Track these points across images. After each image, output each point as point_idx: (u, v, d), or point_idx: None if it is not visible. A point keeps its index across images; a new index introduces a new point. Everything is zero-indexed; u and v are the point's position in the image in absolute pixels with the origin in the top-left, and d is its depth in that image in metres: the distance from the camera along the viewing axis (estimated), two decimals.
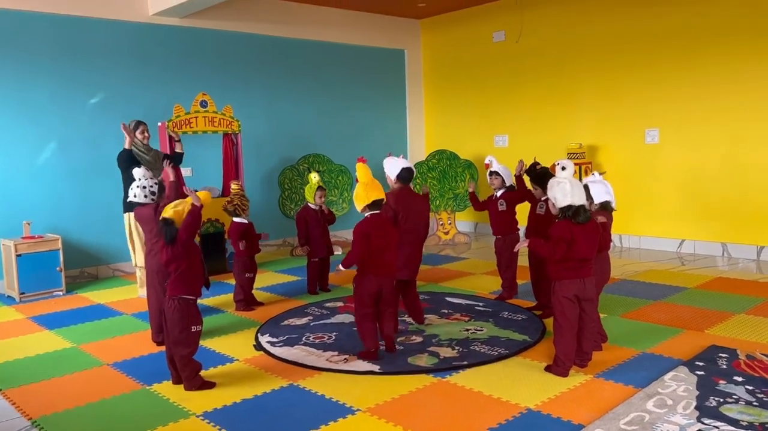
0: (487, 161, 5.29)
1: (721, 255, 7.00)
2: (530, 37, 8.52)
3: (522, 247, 3.74)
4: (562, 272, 3.57)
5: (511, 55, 8.78)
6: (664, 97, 7.31)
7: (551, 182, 3.56)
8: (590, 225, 3.51)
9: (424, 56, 9.98)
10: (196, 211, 3.64)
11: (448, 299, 5.46)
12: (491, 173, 5.25)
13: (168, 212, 3.60)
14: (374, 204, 3.97)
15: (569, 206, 3.46)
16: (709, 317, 4.69)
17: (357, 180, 4.08)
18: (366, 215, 4.01)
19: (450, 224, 8.53)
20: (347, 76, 9.10)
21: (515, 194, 5.22)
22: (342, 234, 8.64)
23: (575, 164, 7.35)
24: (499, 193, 5.26)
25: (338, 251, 7.71)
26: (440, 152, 8.62)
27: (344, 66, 9.06)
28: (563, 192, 3.47)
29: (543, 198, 4.76)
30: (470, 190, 5.50)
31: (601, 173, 3.99)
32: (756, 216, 6.73)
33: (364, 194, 3.95)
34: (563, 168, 3.51)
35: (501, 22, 8.82)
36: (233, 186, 5.50)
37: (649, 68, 7.40)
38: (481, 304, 5.25)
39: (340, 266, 3.95)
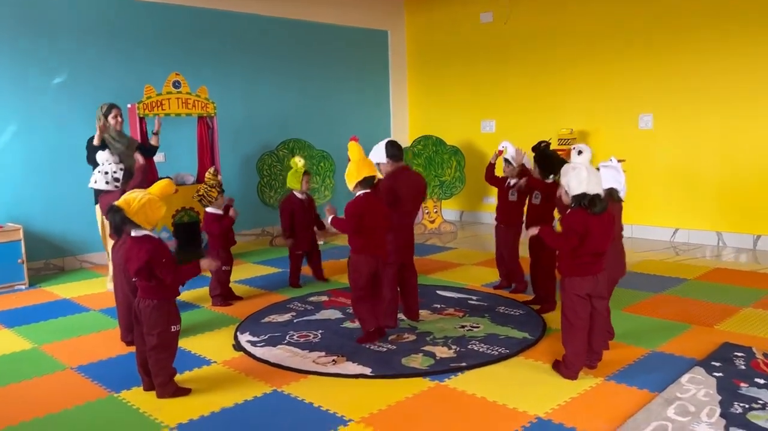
0: (501, 147, 4.93)
1: (716, 245, 6.80)
2: (519, 19, 8.20)
3: (533, 234, 3.42)
4: (574, 268, 3.28)
5: (499, 37, 8.46)
6: (658, 82, 7.06)
7: (566, 168, 3.26)
8: (606, 217, 3.22)
9: (408, 38, 9.61)
10: (196, 270, 3.30)
11: (439, 292, 5.16)
12: (505, 161, 4.91)
13: (120, 199, 3.19)
14: (365, 181, 3.81)
15: (584, 195, 3.16)
16: (715, 312, 4.45)
17: (349, 160, 3.85)
18: (358, 193, 3.83)
19: (436, 212, 8.22)
20: (328, 58, 8.71)
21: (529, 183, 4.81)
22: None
23: (566, 150, 7.10)
24: (513, 181, 4.92)
25: (321, 242, 7.36)
26: (426, 137, 8.29)
27: (325, 47, 8.66)
28: (578, 179, 3.16)
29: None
30: (493, 161, 5.05)
31: (619, 161, 3.68)
32: (752, 204, 6.53)
33: (356, 171, 3.79)
34: (579, 152, 3.22)
35: (489, 2, 8.48)
36: (206, 174, 5.13)
37: (643, 51, 7.14)
38: (474, 297, 4.96)
39: (328, 219, 3.91)
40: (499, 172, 5.08)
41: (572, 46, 7.73)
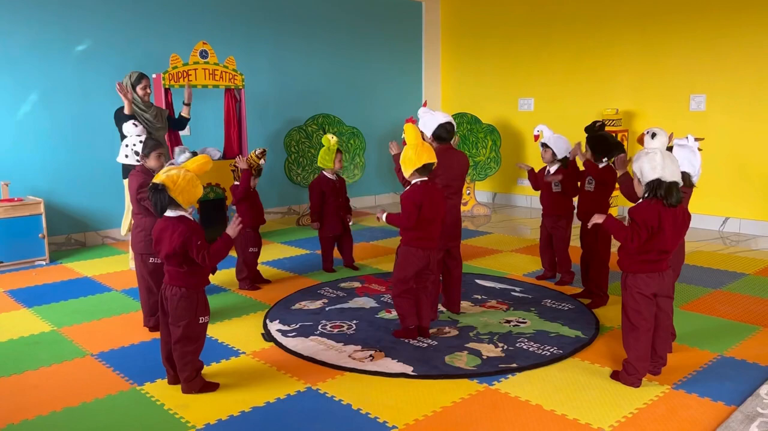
0: (536, 132, 4.59)
1: None
2: None
3: (596, 222, 3.07)
4: (638, 264, 2.95)
5: (540, 9, 8.01)
6: (712, 60, 6.61)
7: (638, 153, 2.90)
8: (679, 212, 2.88)
9: (442, 9, 9.19)
10: (228, 241, 3.06)
11: (478, 281, 4.86)
12: (542, 145, 4.57)
13: (160, 176, 2.94)
14: (425, 169, 3.45)
15: (659, 182, 2.81)
16: None
17: (404, 143, 3.50)
18: (414, 181, 3.48)
19: (469, 194, 7.89)
20: (359, 29, 8.34)
21: (570, 173, 4.52)
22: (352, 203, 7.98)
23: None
24: (553, 168, 4.58)
25: (350, 223, 7.07)
26: (460, 115, 7.92)
27: (357, 19, 8.29)
28: (652, 163, 2.81)
29: (601, 166, 4.11)
30: (528, 168, 4.82)
31: (697, 139, 3.29)
32: None
33: (415, 156, 3.39)
34: (653, 136, 2.86)
35: None
36: (252, 152, 4.84)
37: (696, 26, 6.68)
38: (517, 289, 4.65)
39: (383, 217, 3.54)
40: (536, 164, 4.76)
41: (619, 21, 7.27)
